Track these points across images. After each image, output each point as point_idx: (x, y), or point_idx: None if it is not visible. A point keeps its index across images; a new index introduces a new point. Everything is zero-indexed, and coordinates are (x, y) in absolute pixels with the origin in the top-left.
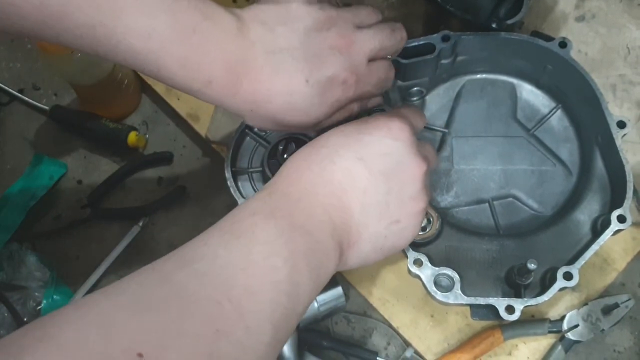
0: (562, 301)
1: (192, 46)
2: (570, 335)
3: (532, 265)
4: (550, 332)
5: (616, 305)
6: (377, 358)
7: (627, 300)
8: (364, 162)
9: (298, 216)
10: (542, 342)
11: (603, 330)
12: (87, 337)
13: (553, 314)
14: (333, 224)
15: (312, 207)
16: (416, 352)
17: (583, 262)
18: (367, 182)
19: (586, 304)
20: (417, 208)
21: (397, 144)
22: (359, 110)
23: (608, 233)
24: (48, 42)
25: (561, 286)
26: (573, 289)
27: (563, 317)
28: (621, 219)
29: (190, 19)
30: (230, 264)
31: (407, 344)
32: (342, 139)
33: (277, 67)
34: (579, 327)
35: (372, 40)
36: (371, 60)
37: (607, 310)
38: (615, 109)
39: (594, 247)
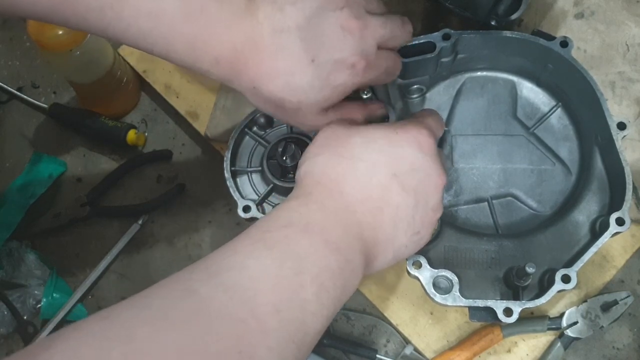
0: (561, 299)
1: (199, 26)
2: (569, 332)
3: (530, 269)
4: (549, 329)
5: (615, 302)
6: (377, 355)
7: (626, 297)
8: (397, 178)
9: (332, 232)
10: (542, 339)
11: (602, 327)
12: (109, 353)
13: (552, 311)
14: (364, 240)
15: (348, 224)
16: (416, 350)
17: (581, 264)
18: (399, 198)
19: (585, 301)
20: (435, 218)
21: (425, 158)
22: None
23: (607, 236)
24: (57, 25)
25: (559, 289)
26: None
27: (562, 314)
28: (620, 221)
29: None
30: (259, 278)
31: (407, 341)
32: (377, 154)
33: (282, 46)
34: (578, 324)
35: (384, 27)
36: (379, 47)
37: (606, 307)
38: (614, 106)
39: (592, 250)
